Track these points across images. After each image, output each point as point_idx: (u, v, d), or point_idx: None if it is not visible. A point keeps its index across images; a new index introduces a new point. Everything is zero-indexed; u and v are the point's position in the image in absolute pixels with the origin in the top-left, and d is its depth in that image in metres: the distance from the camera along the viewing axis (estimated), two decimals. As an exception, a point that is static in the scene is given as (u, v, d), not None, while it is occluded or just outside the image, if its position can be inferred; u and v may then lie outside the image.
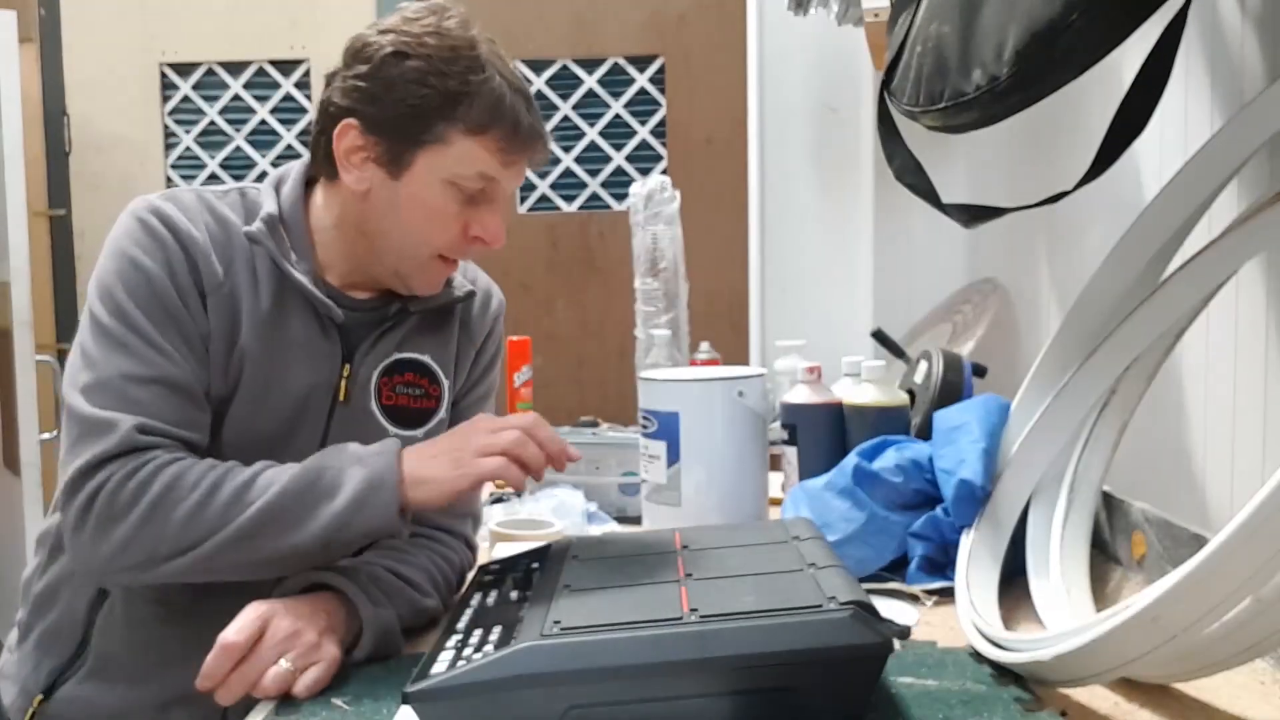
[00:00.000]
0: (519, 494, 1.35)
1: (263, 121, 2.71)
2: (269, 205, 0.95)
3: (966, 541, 0.96)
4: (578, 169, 2.67)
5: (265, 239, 0.93)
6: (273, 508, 0.83)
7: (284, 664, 0.78)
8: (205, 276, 0.91)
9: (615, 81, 2.64)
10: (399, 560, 0.94)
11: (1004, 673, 0.77)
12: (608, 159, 2.66)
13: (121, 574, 0.86)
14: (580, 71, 2.63)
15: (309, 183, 1.00)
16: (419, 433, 1.01)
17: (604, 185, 2.67)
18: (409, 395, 1.01)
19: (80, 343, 0.89)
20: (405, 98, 0.90)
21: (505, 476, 0.85)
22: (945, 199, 1.03)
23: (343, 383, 0.97)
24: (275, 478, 0.85)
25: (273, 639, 0.79)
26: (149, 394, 0.87)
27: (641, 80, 2.64)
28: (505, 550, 1.09)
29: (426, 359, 1.02)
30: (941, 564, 1.02)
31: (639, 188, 1.80)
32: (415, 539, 0.99)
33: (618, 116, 2.65)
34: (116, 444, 0.84)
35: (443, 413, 1.04)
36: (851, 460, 1.08)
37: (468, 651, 0.68)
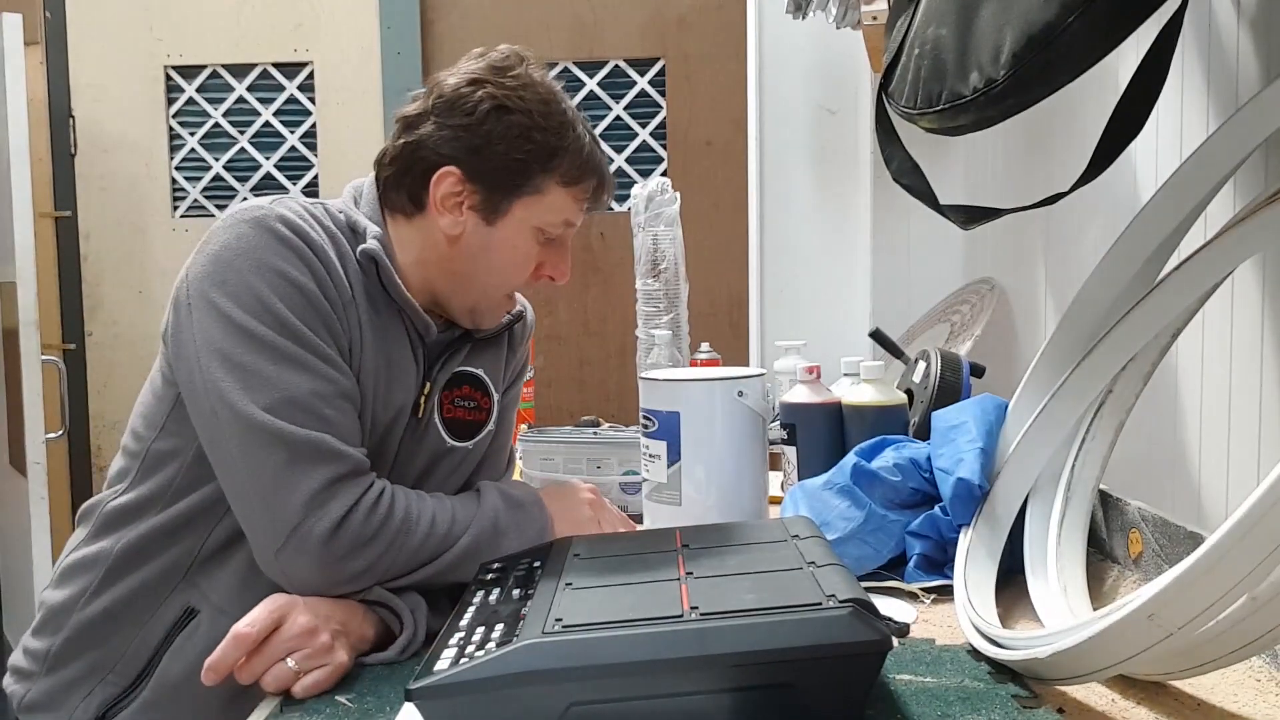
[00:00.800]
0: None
1: (267, 124, 2.71)
2: (372, 225, 0.98)
3: (964, 540, 0.97)
4: (579, 170, 2.67)
5: (384, 259, 0.96)
6: (469, 547, 0.92)
7: (289, 663, 0.78)
8: (339, 289, 0.93)
9: (616, 84, 2.65)
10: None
11: (1001, 670, 0.78)
12: (608, 160, 2.66)
13: (350, 588, 0.87)
14: (581, 74, 2.64)
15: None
16: (469, 444, 1.06)
17: (605, 187, 2.67)
18: (465, 408, 1.06)
19: (228, 354, 0.87)
20: (509, 151, 0.95)
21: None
22: (943, 200, 1.03)
23: (422, 400, 1.01)
24: (468, 519, 0.93)
25: (287, 634, 0.79)
26: (337, 412, 0.88)
27: (642, 83, 2.64)
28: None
29: (481, 373, 1.07)
30: (940, 562, 1.03)
31: (640, 189, 1.81)
32: None
33: (619, 119, 2.65)
34: (352, 467, 0.88)
35: (491, 424, 1.08)
36: (850, 459, 1.09)
37: (470, 649, 0.68)
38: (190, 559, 0.95)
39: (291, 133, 2.71)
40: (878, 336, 1.58)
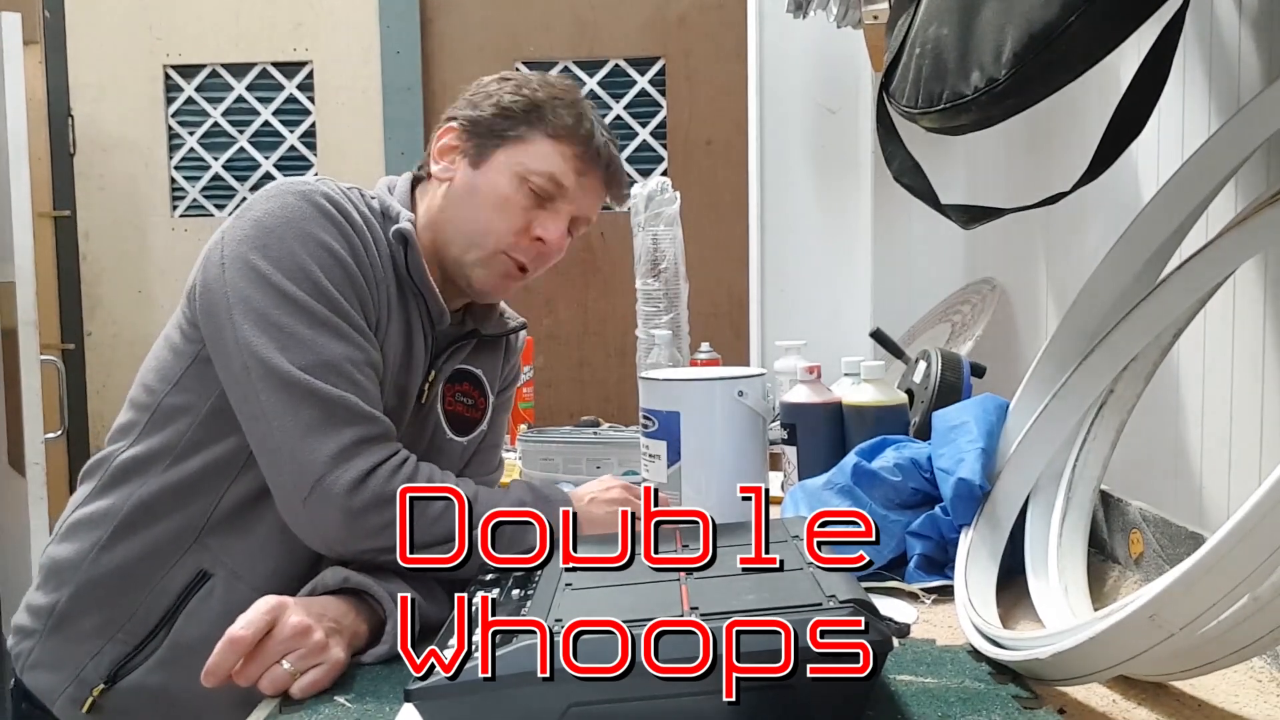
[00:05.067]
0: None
1: (266, 123, 2.71)
2: (405, 210, 1.02)
3: (965, 540, 0.97)
4: (579, 170, 2.67)
5: (414, 240, 1.00)
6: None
7: (285, 665, 0.78)
8: (374, 267, 0.97)
9: (616, 83, 2.65)
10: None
11: (1002, 670, 0.78)
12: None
13: (370, 545, 0.89)
14: (581, 73, 2.64)
15: None
16: (464, 440, 1.10)
17: (605, 186, 2.67)
18: (464, 404, 1.10)
19: (265, 313, 0.90)
20: (499, 102, 1.02)
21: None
22: (944, 200, 1.03)
23: (426, 386, 1.05)
24: (491, 502, 0.94)
25: (281, 635, 0.79)
26: (366, 379, 0.92)
27: (642, 82, 2.64)
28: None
29: (480, 373, 1.12)
30: (940, 563, 1.03)
31: (640, 189, 1.81)
32: None
33: (619, 118, 2.65)
34: (381, 430, 0.91)
35: (484, 425, 1.12)
36: (851, 459, 1.09)
37: (470, 649, 0.68)
38: (203, 520, 0.96)
39: (291, 132, 2.71)
40: (878, 336, 1.58)
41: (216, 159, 2.72)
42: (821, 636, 0.64)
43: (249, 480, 0.95)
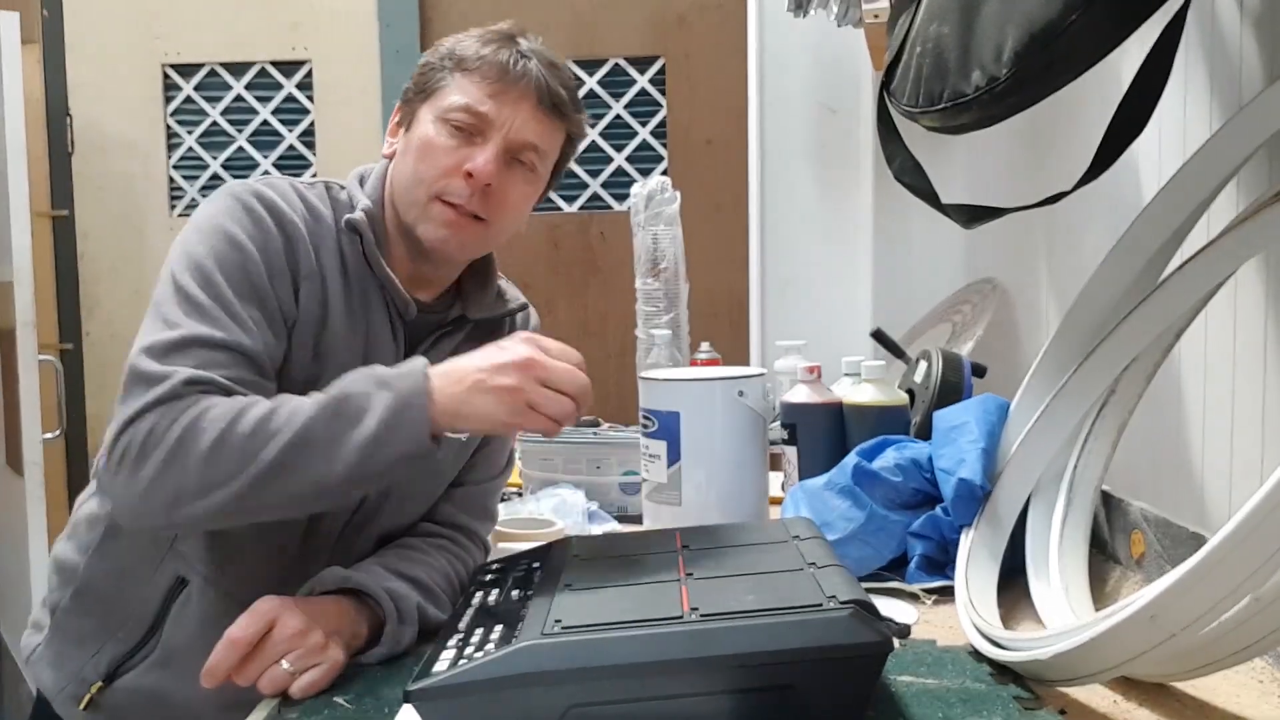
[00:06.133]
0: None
1: (265, 122, 2.71)
2: (362, 198, 0.99)
3: (966, 541, 0.97)
4: (579, 170, 2.67)
5: (365, 229, 0.96)
6: (298, 440, 0.80)
7: (284, 665, 0.78)
8: (301, 262, 0.93)
9: (616, 83, 2.65)
10: (422, 566, 0.95)
11: (1003, 671, 0.78)
12: (609, 160, 2.66)
13: (152, 516, 0.83)
14: (581, 73, 2.63)
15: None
16: (462, 436, 1.01)
17: (605, 186, 2.67)
18: None
19: (157, 305, 0.89)
20: (425, 61, 1.00)
21: (545, 433, 0.83)
22: (944, 199, 1.03)
23: None
24: (299, 408, 0.81)
25: (280, 636, 0.79)
26: (215, 357, 0.85)
27: (642, 81, 2.64)
28: (507, 549, 1.09)
29: None
30: (941, 563, 1.03)
31: (640, 188, 1.81)
32: (436, 540, 1.00)
33: (618, 117, 2.65)
34: (163, 392, 0.82)
35: None
36: (851, 460, 1.09)
37: (469, 650, 0.68)
38: None
39: (290, 131, 2.71)
40: (879, 336, 1.58)
41: (215, 158, 2.72)
42: (823, 638, 0.64)
43: None
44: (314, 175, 2.70)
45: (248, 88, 2.70)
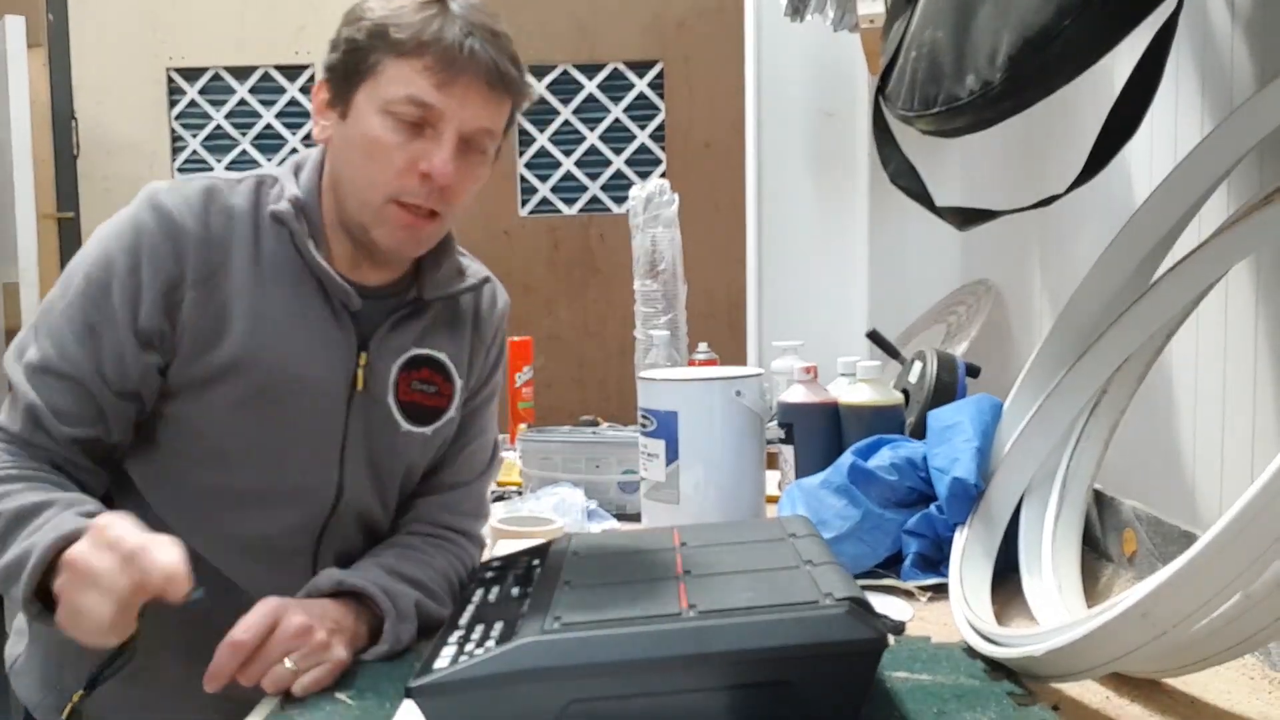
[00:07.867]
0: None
1: (268, 126, 2.72)
2: (291, 188, 0.94)
3: (960, 539, 0.97)
4: (578, 172, 2.68)
5: (291, 220, 0.92)
6: None
7: (287, 664, 0.78)
8: (191, 269, 0.89)
9: (615, 86, 2.66)
10: (418, 564, 0.94)
11: (997, 668, 0.78)
12: (608, 162, 2.67)
13: None
14: (580, 76, 2.65)
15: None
16: (428, 430, 1.00)
17: (604, 188, 2.68)
18: (423, 392, 0.99)
19: (43, 309, 0.90)
20: (349, 35, 0.90)
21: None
22: (939, 202, 1.04)
23: (359, 371, 0.95)
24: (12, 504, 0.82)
25: (282, 635, 0.79)
26: (48, 385, 0.87)
27: (641, 85, 2.65)
28: (507, 547, 1.10)
29: (443, 357, 1.00)
30: (935, 561, 1.03)
31: (638, 191, 1.82)
32: (433, 539, 0.99)
33: (617, 121, 2.66)
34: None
35: (452, 412, 1.02)
36: (847, 459, 1.09)
37: (470, 647, 0.69)
38: None
39: (293, 134, 2.72)
40: (874, 337, 1.58)
41: (219, 161, 2.73)
42: (819, 635, 0.65)
43: (160, 499, 0.92)
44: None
45: (252, 91, 2.71)
